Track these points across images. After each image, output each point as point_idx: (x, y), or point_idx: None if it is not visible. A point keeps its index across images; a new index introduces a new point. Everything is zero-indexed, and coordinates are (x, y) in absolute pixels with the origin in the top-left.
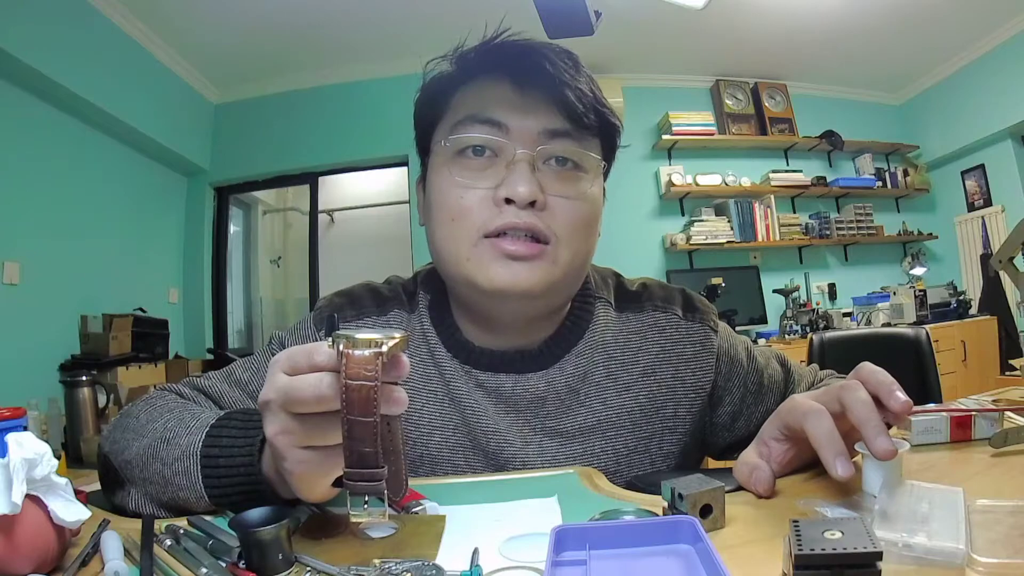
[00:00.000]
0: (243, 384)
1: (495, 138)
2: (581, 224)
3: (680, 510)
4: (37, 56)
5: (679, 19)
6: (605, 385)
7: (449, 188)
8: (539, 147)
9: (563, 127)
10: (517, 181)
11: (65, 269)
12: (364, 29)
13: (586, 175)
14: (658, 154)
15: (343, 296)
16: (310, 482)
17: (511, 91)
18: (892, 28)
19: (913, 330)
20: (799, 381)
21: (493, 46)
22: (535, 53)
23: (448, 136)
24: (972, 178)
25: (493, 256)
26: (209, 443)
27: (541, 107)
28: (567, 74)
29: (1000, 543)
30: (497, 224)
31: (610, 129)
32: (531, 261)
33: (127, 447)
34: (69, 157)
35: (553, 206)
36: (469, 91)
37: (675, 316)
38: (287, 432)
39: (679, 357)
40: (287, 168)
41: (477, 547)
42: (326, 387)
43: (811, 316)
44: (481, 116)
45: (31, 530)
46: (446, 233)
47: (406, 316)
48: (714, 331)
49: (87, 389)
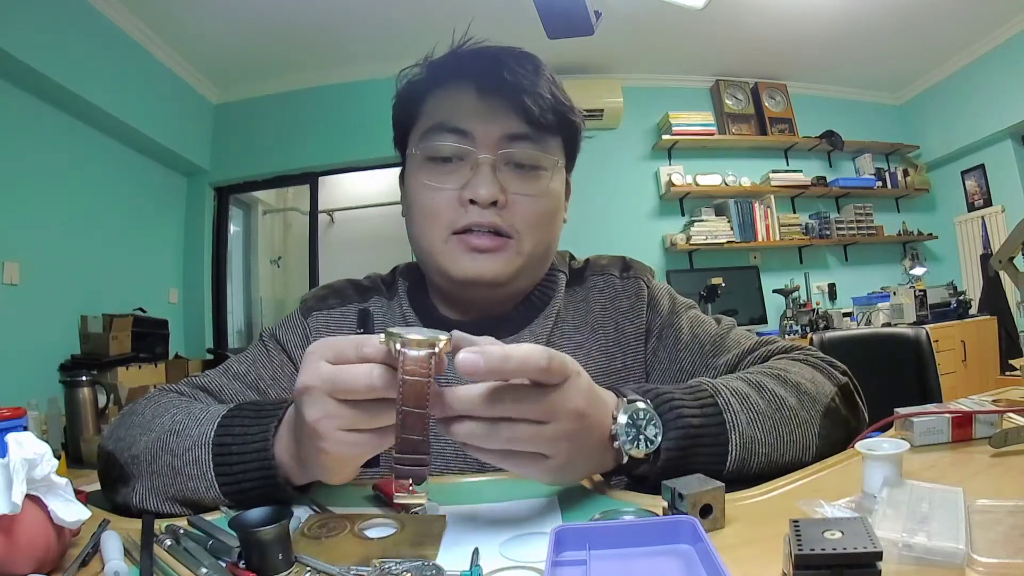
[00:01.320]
0: (241, 376)
1: (460, 146)
2: (542, 218)
3: (680, 510)
4: (37, 56)
5: (679, 19)
6: (561, 344)
7: (421, 191)
8: (500, 151)
9: (522, 131)
10: (479, 184)
11: (65, 269)
12: (364, 29)
13: (546, 172)
14: (658, 154)
15: (326, 289)
16: (345, 464)
17: (475, 98)
18: (892, 28)
19: (913, 330)
20: (727, 350)
21: (460, 55)
22: (497, 63)
23: (419, 144)
24: (972, 178)
25: (462, 250)
26: (221, 432)
27: (501, 113)
28: (526, 80)
29: (1000, 543)
30: (463, 223)
31: (571, 127)
32: (495, 253)
33: (134, 442)
34: (69, 157)
35: (514, 204)
36: (438, 98)
37: (612, 277)
38: (331, 416)
39: (618, 311)
40: (287, 168)
41: (477, 547)
42: (377, 377)
43: (811, 316)
44: (448, 125)
45: (31, 530)
46: (421, 230)
47: (386, 302)
48: (647, 284)
49: (87, 389)
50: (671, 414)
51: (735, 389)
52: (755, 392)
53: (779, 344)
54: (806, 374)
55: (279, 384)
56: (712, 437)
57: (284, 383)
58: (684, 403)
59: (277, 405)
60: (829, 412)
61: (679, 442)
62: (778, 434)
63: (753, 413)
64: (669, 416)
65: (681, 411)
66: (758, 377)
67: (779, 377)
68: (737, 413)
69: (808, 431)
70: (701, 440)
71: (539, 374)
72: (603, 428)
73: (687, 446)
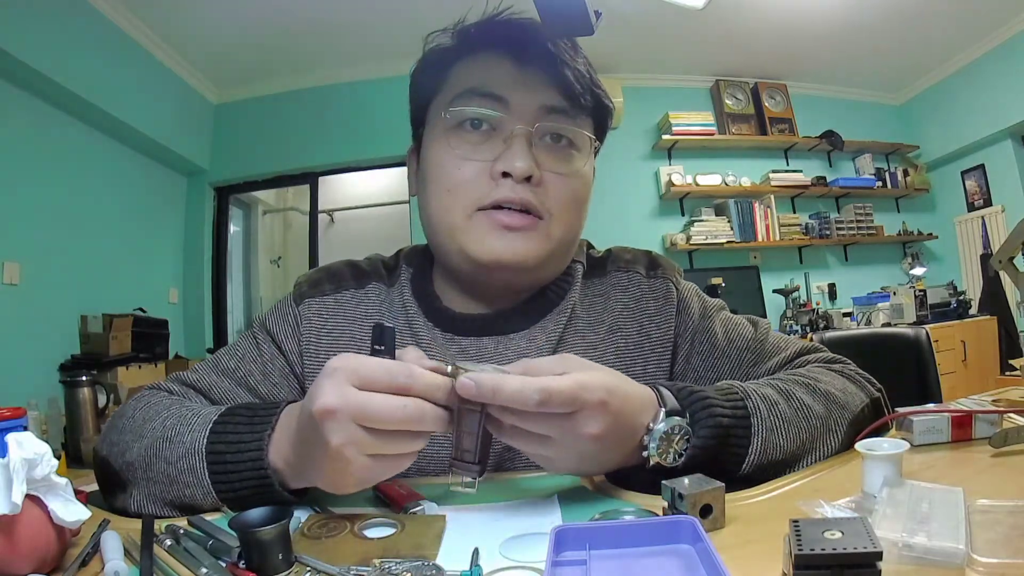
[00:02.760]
0: (230, 372)
1: (495, 112)
2: (574, 201)
3: (680, 510)
4: (37, 56)
5: (679, 19)
6: (573, 343)
7: (446, 160)
8: (537, 123)
9: (560, 104)
10: (515, 156)
11: (65, 269)
12: (364, 29)
13: (579, 153)
14: (658, 154)
15: (322, 271)
16: (361, 484)
17: (512, 67)
18: (892, 28)
19: (913, 330)
20: (767, 356)
21: (496, 23)
22: (537, 33)
23: (448, 108)
24: (972, 178)
25: (489, 227)
26: (214, 439)
27: (540, 84)
28: (567, 54)
29: (1000, 543)
30: (494, 197)
31: (603, 111)
32: (526, 232)
33: (127, 448)
34: (69, 157)
35: (548, 182)
36: (469, 65)
37: (638, 275)
38: (357, 443)
39: (643, 313)
40: (287, 168)
41: (477, 547)
42: (412, 412)
43: (811, 316)
44: (482, 90)
45: (31, 530)
46: (441, 204)
47: (385, 289)
48: (676, 286)
49: (87, 389)
50: (703, 412)
51: (765, 395)
52: (784, 400)
53: (821, 355)
54: (837, 384)
55: (270, 379)
56: (738, 439)
57: (275, 378)
58: (717, 402)
59: (269, 410)
60: (856, 422)
61: (707, 441)
62: (801, 442)
63: (779, 420)
64: (701, 414)
65: (713, 409)
66: (789, 385)
67: (809, 386)
68: (764, 419)
69: (832, 439)
70: (728, 440)
71: (534, 407)
72: (629, 440)
73: (714, 446)
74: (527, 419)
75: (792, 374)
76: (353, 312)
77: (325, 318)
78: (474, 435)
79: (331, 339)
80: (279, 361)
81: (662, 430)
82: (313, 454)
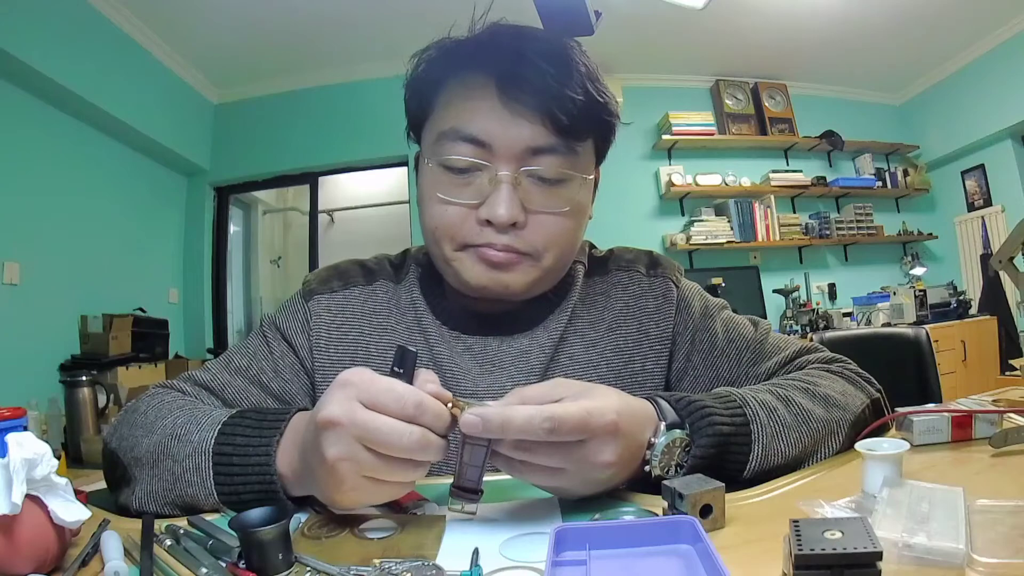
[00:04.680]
0: (243, 371)
1: (477, 160)
2: (564, 235)
3: (680, 510)
4: (37, 56)
5: (679, 19)
6: (572, 342)
7: (432, 203)
8: (522, 167)
9: (548, 144)
10: (498, 203)
11: (65, 269)
12: (364, 29)
13: (571, 182)
14: (658, 154)
15: (331, 270)
16: (353, 503)
17: (497, 100)
18: (892, 28)
19: (913, 330)
20: (766, 356)
21: (480, 39)
22: (520, 57)
23: (433, 148)
24: (972, 178)
25: (475, 261)
26: (222, 440)
27: (525, 121)
28: (554, 80)
29: (1000, 543)
30: (477, 243)
31: (605, 126)
32: (513, 267)
33: (136, 443)
34: (69, 157)
35: (535, 222)
36: (454, 90)
37: (638, 273)
38: (354, 460)
39: (643, 311)
40: (287, 168)
41: (477, 547)
42: (416, 441)
43: (811, 316)
44: (465, 132)
45: (31, 530)
46: (430, 236)
47: (393, 287)
48: (676, 285)
49: (87, 389)
50: (703, 421)
51: (763, 401)
52: (783, 405)
53: (820, 355)
54: (837, 386)
55: (281, 376)
56: (738, 446)
57: (286, 375)
58: (716, 410)
59: (279, 416)
60: (857, 424)
61: (707, 450)
62: (803, 446)
63: (779, 426)
64: (701, 424)
65: (712, 418)
66: (787, 391)
67: (808, 390)
68: (764, 426)
69: (833, 441)
70: (729, 448)
71: (544, 436)
72: (636, 459)
73: (715, 455)
74: (538, 454)
75: (789, 378)
76: (362, 308)
77: (335, 313)
78: (479, 468)
79: (341, 334)
80: (290, 357)
81: (663, 444)
82: (311, 463)
